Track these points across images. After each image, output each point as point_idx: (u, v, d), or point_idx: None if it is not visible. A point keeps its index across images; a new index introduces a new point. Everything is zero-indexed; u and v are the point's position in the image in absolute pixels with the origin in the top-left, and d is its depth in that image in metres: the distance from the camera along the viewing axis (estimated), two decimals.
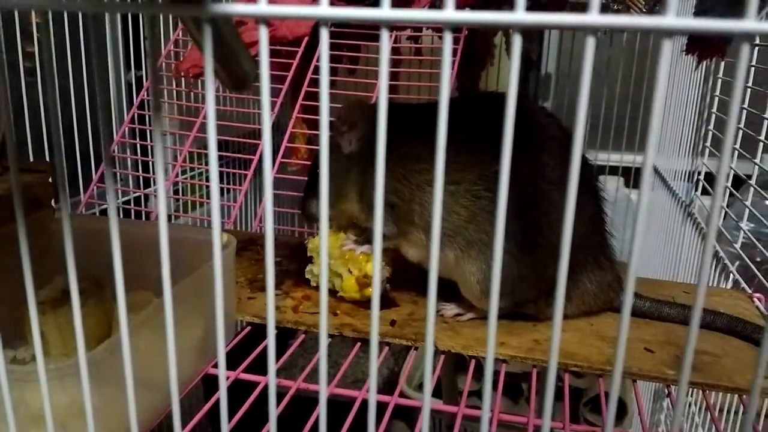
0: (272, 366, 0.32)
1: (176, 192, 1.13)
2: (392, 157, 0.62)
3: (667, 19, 0.23)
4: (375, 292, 0.29)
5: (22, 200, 0.33)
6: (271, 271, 0.30)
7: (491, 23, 0.25)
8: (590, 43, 0.24)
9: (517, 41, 0.25)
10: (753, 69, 0.90)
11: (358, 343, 0.60)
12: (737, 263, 0.88)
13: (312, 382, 0.54)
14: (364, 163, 0.62)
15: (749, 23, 0.23)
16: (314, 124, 1.15)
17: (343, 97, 1.09)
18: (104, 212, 0.98)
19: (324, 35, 0.26)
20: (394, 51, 1.19)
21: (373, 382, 0.31)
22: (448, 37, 0.25)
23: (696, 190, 1.12)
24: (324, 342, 0.31)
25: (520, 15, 0.24)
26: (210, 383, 0.55)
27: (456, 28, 1.05)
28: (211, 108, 0.28)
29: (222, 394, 0.33)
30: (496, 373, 0.59)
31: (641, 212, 0.27)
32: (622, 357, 0.29)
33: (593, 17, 0.24)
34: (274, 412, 0.33)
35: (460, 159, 0.58)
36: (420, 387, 1.36)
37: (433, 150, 0.65)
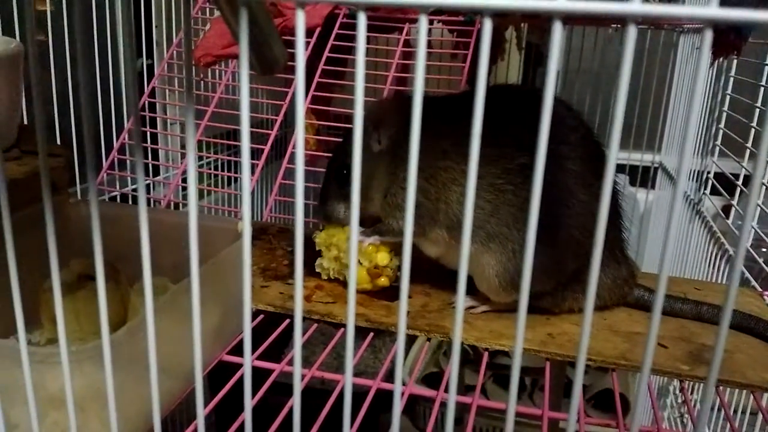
0: (298, 359, 0.32)
1: (185, 180, 1.12)
2: (420, 154, 0.61)
3: (711, 10, 0.23)
4: (403, 295, 0.29)
5: (49, 183, 0.33)
6: (300, 272, 0.30)
7: (531, 9, 0.25)
8: (631, 32, 0.24)
9: (557, 29, 0.25)
10: (766, 68, 0.90)
11: (371, 334, 0.60)
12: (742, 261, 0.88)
13: (321, 372, 0.55)
14: (392, 162, 0.62)
15: None
16: (323, 115, 1.15)
17: (351, 87, 1.08)
18: (113, 199, 0.98)
19: (362, 19, 0.26)
20: (405, 44, 1.19)
21: (398, 373, 0.31)
22: (487, 24, 0.25)
23: (705, 188, 1.12)
24: (351, 334, 0.31)
25: (562, 2, 0.24)
26: (215, 374, 0.55)
27: (471, 21, 1.04)
28: (245, 91, 0.28)
29: (246, 383, 0.33)
30: (506, 367, 0.60)
31: (672, 224, 0.26)
32: (651, 357, 0.29)
33: (636, 6, 0.24)
34: (298, 402, 0.33)
35: (484, 152, 0.57)
36: (423, 379, 1.37)
37: (459, 145, 0.64)
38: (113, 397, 0.36)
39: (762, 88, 0.89)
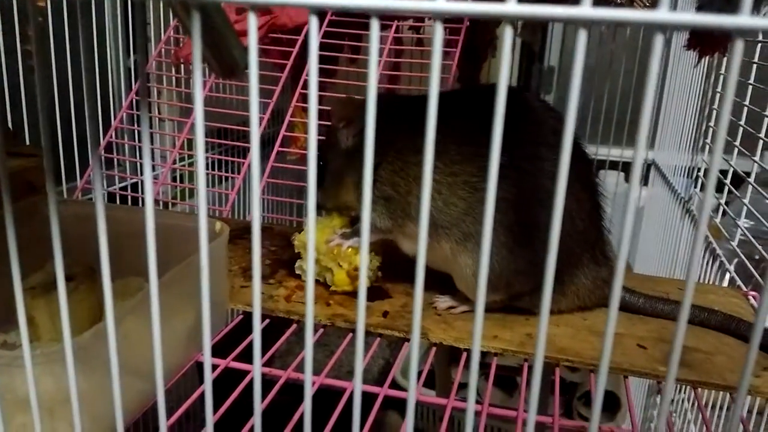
0: (257, 361, 0.32)
1: (174, 179, 1.12)
2: (390, 149, 0.61)
3: (660, 14, 0.23)
4: (361, 288, 0.29)
5: (8, 186, 0.33)
6: (258, 262, 0.30)
7: (482, 14, 0.24)
8: (582, 37, 0.24)
9: (507, 33, 0.24)
10: (755, 66, 0.89)
11: (350, 334, 0.60)
12: (735, 260, 0.88)
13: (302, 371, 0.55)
14: (362, 157, 0.62)
15: (743, 19, 0.22)
16: None
17: (343, 86, 1.08)
18: None
19: (313, 23, 0.26)
20: (396, 41, 1.18)
21: (358, 375, 0.31)
22: (438, 28, 0.25)
23: (695, 186, 1.11)
24: (309, 339, 0.31)
25: (511, 6, 0.24)
26: (202, 367, 0.55)
27: (456, 18, 1.04)
28: (198, 94, 0.28)
29: (207, 384, 0.33)
30: (488, 366, 0.60)
31: (629, 209, 0.26)
32: (609, 351, 0.29)
33: (585, 10, 0.23)
34: (258, 403, 0.33)
35: (460, 150, 0.58)
36: None
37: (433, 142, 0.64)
38: (78, 401, 0.36)
39: (750, 87, 0.89)
